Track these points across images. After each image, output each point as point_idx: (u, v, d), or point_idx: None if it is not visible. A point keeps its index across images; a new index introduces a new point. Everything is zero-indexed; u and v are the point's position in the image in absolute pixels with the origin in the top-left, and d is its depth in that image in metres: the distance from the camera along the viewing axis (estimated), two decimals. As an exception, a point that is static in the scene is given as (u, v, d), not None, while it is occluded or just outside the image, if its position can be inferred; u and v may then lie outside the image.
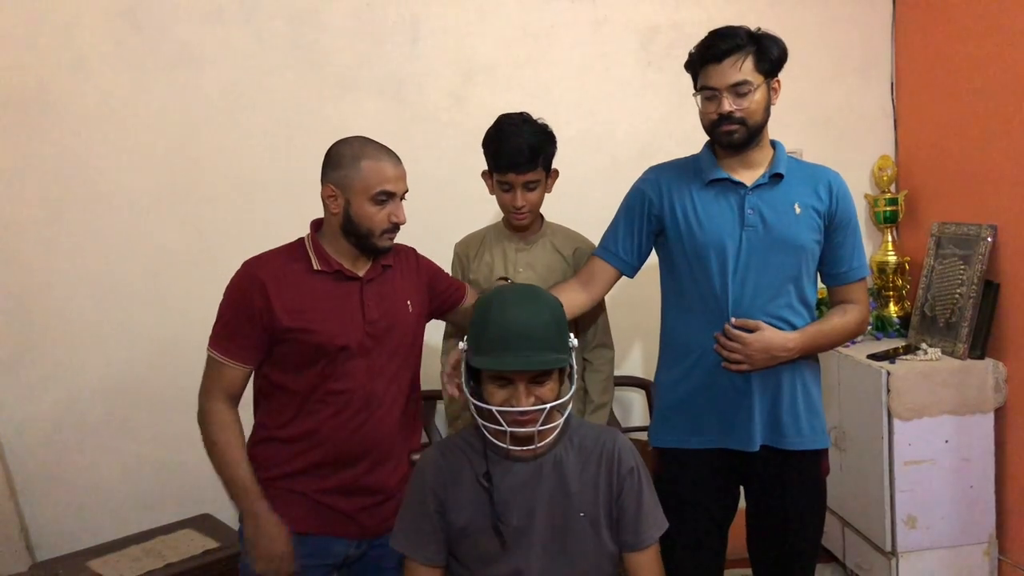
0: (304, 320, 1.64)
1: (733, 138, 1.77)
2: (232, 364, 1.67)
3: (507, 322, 1.42)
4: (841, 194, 1.85)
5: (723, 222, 1.81)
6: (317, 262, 1.70)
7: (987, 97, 2.58)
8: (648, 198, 1.90)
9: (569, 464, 1.51)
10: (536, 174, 2.01)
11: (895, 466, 2.49)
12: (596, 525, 1.50)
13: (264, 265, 1.69)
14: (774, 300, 1.80)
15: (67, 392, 2.72)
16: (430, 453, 1.57)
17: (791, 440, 1.83)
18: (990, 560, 2.56)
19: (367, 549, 1.76)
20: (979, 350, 2.55)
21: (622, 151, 2.94)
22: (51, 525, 2.71)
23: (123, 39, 2.68)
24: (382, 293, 1.75)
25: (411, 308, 1.80)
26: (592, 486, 1.51)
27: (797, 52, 3.05)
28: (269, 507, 1.65)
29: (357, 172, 1.66)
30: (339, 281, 1.70)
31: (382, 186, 1.67)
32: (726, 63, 1.73)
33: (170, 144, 2.74)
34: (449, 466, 1.53)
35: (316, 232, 1.76)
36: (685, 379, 1.87)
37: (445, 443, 1.59)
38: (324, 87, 2.81)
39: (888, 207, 2.98)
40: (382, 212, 1.69)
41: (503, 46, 2.89)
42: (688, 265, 1.85)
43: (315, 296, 1.67)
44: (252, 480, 1.66)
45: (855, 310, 1.89)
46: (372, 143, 1.73)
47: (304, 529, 1.69)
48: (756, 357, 1.77)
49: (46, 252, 2.69)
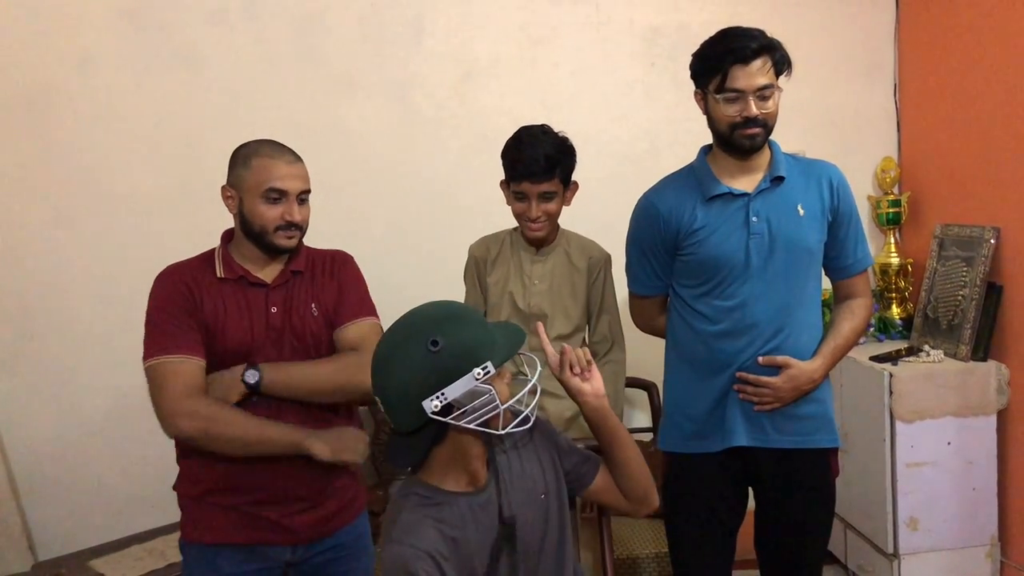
0: (213, 327, 1.63)
1: (756, 142, 1.75)
2: (184, 358, 1.58)
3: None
4: (842, 188, 1.84)
5: (729, 234, 1.79)
6: (221, 269, 1.68)
7: (991, 99, 2.58)
8: (659, 231, 1.86)
9: (506, 466, 1.42)
10: (552, 185, 2.01)
11: (897, 468, 2.49)
12: (560, 499, 1.45)
13: (179, 271, 1.68)
14: (784, 303, 1.79)
15: (70, 392, 2.72)
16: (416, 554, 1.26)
17: (800, 440, 1.82)
18: (992, 562, 2.55)
19: (307, 555, 1.72)
20: (982, 352, 2.55)
21: (624, 152, 2.94)
22: (53, 525, 2.72)
23: (127, 39, 2.69)
24: (289, 299, 1.70)
25: (315, 312, 1.72)
26: (540, 471, 1.44)
27: (800, 54, 3.05)
28: (311, 432, 1.59)
29: (247, 170, 1.65)
30: (244, 287, 1.68)
31: (271, 183, 1.63)
32: (755, 64, 1.67)
33: (174, 144, 2.74)
34: (450, 544, 1.31)
35: (227, 241, 1.74)
36: (693, 385, 1.86)
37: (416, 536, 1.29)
38: (327, 88, 2.82)
39: (891, 209, 2.98)
40: (275, 210, 1.64)
41: (506, 48, 2.89)
42: (696, 277, 1.84)
43: (222, 303, 1.65)
44: (289, 428, 1.58)
45: (861, 308, 1.89)
46: (270, 143, 1.70)
47: (239, 540, 1.66)
48: (787, 397, 1.78)
49: (49, 252, 2.70)
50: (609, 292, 2.17)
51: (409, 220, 2.91)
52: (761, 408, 1.79)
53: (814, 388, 1.80)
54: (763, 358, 1.78)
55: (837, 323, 1.88)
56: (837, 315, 1.90)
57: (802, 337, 1.81)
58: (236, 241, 1.72)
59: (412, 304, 1.96)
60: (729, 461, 1.85)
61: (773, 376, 1.77)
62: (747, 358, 1.79)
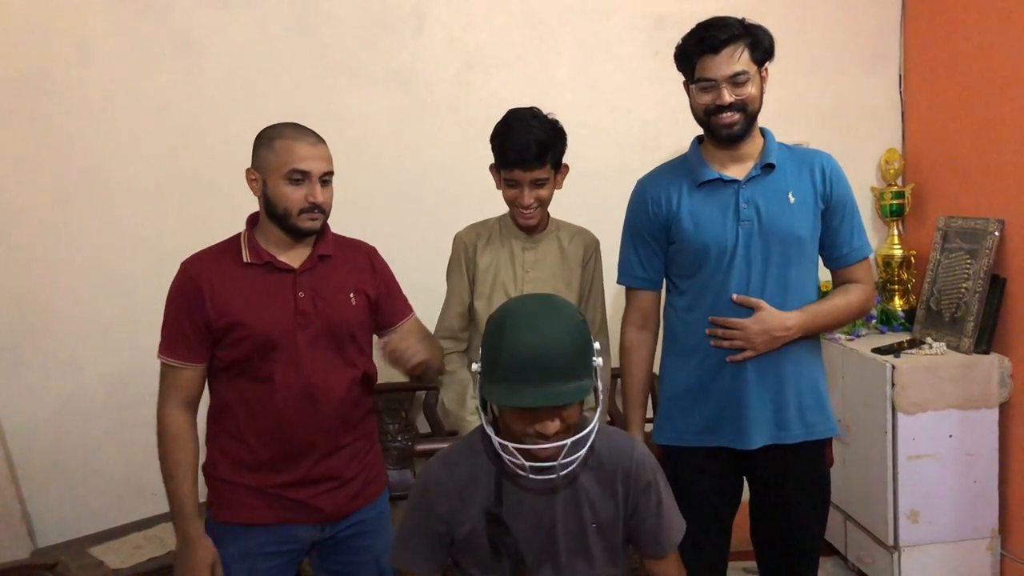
0: (236, 316, 1.63)
1: (733, 130, 1.75)
2: (183, 365, 1.66)
3: (521, 349, 1.29)
4: (835, 176, 1.82)
5: (718, 220, 1.79)
6: (248, 254, 1.68)
7: (996, 91, 2.56)
8: (649, 214, 1.88)
9: (584, 483, 1.45)
10: (544, 171, 1.97)
11: (898, 460, 2.48)
12: (609, 536, 1.47)
13: (198, 263, 1.68)
14: (774, 292, 1.79)
15: (70, 380, 2.72)
16: (435, 469, 1.48)
17: (796, 433, 1.82)
18: (993, 555, 2.55)
19: (333, 532, 1.76)
20: (984, 345, 2.54)
21: (629, 140, 2.93)
22: (53, 512, 2.72)
23: (126, 25, 2.67)
24: (318, 284, 1.70)
25: (354, 301, 1.74)
26: (606, 505, 1.45)
27: (805, 44, 3.07)
28: (203, 532, 1.64)
29: (271, 152, 1.64)
30: (270, 273, 1.67)
31: (294, 164, 1.63)
32: (724, 53, 1.70)
33: (173, 131, 2.73)
34: (457, 487, 1.45)
35: (252, 225, 1.74)
36: (688, 377, 1.86)
37: (450, 457, 1.50)
38: (328, 76, 2.80)
39: (894, 200, 2.96)
40: (298, 192, 1.64)
41: (509, 35, 2.87)
42: (688, 265, 1.84)
43: (246, 290, 1.65)
44: (193, 501, 1.64)
45: (857, 289, 1.87)
46: (293, 126, 1.69)
47: (265, 520, 1.68)
48: (756, 340, 1.76)
49: (48, 241, 2.69)
50: (598, 278, 2.14)
51: (409, 209, 2.90)
52: (733, 359, 1.78)
53: (788, 338, 1.77)
54: (736, 296, 1.78)
55: (828, 295, 1.87)
56: (831, 291, 1.90)
57: None
58: (261, 225, 1.72)
59: (411, 292, 1.97)
60: (724, 453, 1.85)
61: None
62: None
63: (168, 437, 1.65)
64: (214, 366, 1.69)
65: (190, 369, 1.66)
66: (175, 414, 1.66)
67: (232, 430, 1.68)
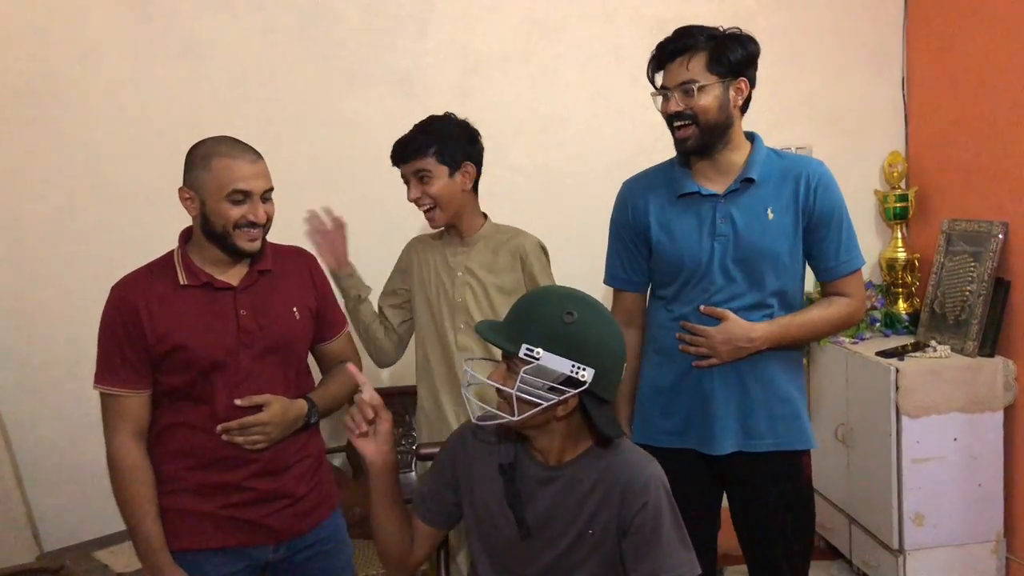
0: (176, 340, 1.57)
1: (687, 145, 1.76)
2: (127, 393, 1.59)
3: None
4: (820, 186, 1.77)
5: (694, 235, 1.79)
6: (184, 276, 1.62)
7: (999, 93, 2.56)
8: (630, 216, 1.90)
9: (585, 487, 1.44)
10: (423, 162, 1.94)
11: (903, 463, 2.48)
12: (602, 547, 1.45)
13: (133, 286, 1.62)
14: (751, 309, 1.78)
15: (74, 383, 2.72)
16: (467, 429, 1.54)
17: (766, 443, 1.80)
18: (998, 558, 2.55)
19: (288, 553, 1.72)
20: (989, 348, 2.54)
21: (632, 144, 2.92)
22: (58, 516, 2.72)
23: (132, 29, 2.68)
24: (259, 301, 1.65)
25: (298, 316, 1.70)
26: (607, 515, 1.44)
27: (807, 47, 3.06)
28: (173, 563, 1.59)
29: (207, 171, 1.58)
30: (209, 292, 1.62)
31: (235, 184, 1.57)
32: (675, 62, 1.75)
33: (178, 135, 2.69)
34: (476, 446, 1.50)
35: (185, 243, 1.68)
36: (665, 377, 1.87)
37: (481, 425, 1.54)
38: (333, 79, 2.80)
39: (898, 203, 2.96)
40: (238, 211, 1.58)
41: (512, 39, 2.88)
42: (664, 275, 1.86)
43: (185, 313, 1.59)
44: (158, 534, 1.58)
45: (841, 302, 1.83)
46: (228, 140, 1.63)
47: (218, 544, 1.64)
48: (720, 349, 1.75)
49: (53, 243, 2.70)
50: (544, 279, 2.06)
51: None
52: (698, 364, 1.78)
53: (753, 349, 1.75)
54: (704, 307, 1.78)
55: (807, 308, 1.85)
56: (812, 304, 1.88)
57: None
58: (196, 243, 1.66)
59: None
60: (695, 456, 1.84)
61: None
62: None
63: (123, 471, 1.58)
64: (155, 391, 1.63)
65: (136, 396, 1.60)
66: (128, 446, 1.59)
67: (175, 454, 1.63)
